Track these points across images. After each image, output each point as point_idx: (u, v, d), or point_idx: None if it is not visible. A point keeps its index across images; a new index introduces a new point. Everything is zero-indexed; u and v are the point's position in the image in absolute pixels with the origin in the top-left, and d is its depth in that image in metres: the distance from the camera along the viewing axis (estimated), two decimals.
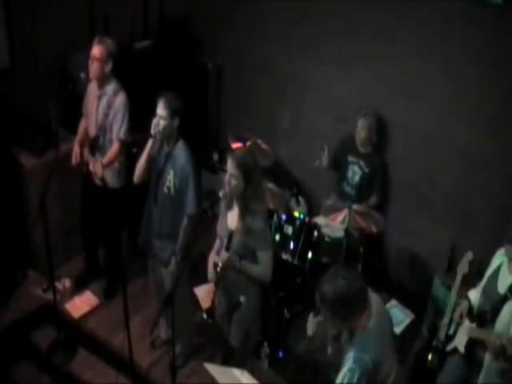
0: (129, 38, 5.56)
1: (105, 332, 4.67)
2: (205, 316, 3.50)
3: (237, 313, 3.31)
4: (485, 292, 3.41)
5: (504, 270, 3.33)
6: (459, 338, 3.55)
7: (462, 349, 3.50)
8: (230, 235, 3.37)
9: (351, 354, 2.68)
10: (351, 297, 2.63)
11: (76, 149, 4.57)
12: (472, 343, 3.42)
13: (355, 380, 2.63)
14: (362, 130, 4.82)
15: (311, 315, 3.17)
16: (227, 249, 3.34)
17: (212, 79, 6.05)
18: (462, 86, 4.45)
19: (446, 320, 3.90)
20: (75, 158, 4.56)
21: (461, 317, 3.56)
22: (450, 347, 3.66)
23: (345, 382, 2.65)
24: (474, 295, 3.51)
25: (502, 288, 3.30)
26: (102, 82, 4.38)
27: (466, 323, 3.48)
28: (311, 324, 3.14)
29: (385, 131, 4.99)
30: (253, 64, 5.76)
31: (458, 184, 4.68)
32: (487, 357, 3.34)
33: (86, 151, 4.57)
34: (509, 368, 3.26)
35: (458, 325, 3.61)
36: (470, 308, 3.48)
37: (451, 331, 3.74)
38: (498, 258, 3.41)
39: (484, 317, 3.36)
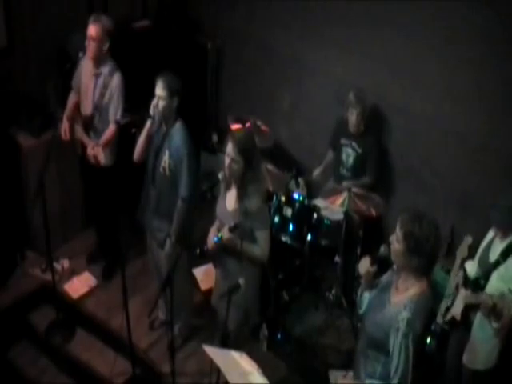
0: (128, 18, 5.49)
1: (103, 313, 4.67)
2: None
3: (236, 295, 3.30)
4: (479, 262, 3.59)
5: (496, 240, 3.52)
6: (456, 307, 3.64)
7: (458, 316, 3.60)
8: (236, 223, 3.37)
9: (405, 314, 2.71)
10: (436, 238, 2.69)
11: (65, 125, 4.53)
12: (468, 309, 3.54)
13: (410, 343, 2.70)
14: (355, 119, 4.74)
15: (366, 258, 3.07)
16: (231, 230, 3.34)
17: (211, 60, 5.99)
18: (461, 70, 4.42)
19: (444, 304, 3.90)
20: (65, 134, 4.52)
21: (457, 287, 3.67)
22: (448, 317, 3.74)
23: (402, 348, 2.72)
24: (470, 266, 3.65)
25: (493, 255, 3.48)
26: (99, 61, 4.33)
27: (462, 291, 3.59)
28: (365, 263, 3.05)
29: (385, 116, 4.95)
30: (252, 45, 5.70)
31: (457, 168, 4.67)
32: (478, 314, 3.47)
33: (80, 130, 4.54)
34: (501, 327, 3.36)
35: (455, 296, 3.69)
36: (466, 278, 3.60)
37: (449, 303, 3.79)
38: (492, 231, 3.58)
39: (478, 283, 3.50)
